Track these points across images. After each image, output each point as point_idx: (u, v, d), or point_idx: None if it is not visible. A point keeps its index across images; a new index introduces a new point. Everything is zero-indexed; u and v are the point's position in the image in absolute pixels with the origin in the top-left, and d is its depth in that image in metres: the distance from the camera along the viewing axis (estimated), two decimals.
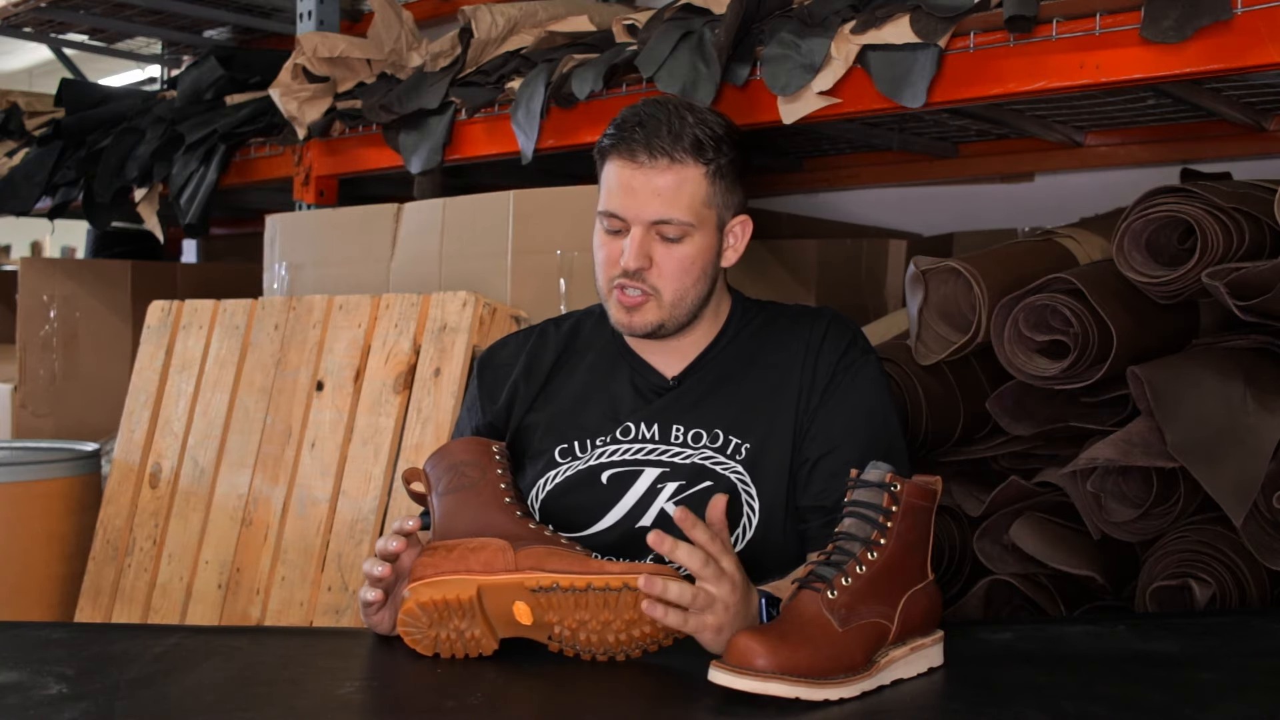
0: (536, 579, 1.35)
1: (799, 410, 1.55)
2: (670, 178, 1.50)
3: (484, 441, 1.53)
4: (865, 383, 1.57)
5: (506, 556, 1.38)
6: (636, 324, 1.55)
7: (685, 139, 1.50)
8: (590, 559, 1.37)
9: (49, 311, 3.83)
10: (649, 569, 1.34)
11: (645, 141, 1.50)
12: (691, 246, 1.53)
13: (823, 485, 1.52)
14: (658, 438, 1.57)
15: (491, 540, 1.40)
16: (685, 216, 1.51)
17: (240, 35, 4.38)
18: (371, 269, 2.71)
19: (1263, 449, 1.86)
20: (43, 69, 7.59)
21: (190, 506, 2.66)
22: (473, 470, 1.48)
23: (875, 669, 1.28)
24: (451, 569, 1.38)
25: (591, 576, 1.34)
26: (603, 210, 1.54)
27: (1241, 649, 1.50)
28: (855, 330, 1.62)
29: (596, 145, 1.57)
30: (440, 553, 1.41)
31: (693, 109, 1.55)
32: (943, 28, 2.02)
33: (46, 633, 1.61)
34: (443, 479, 1.49)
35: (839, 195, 3.74)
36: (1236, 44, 1.77)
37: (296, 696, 1.32)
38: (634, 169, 1.51)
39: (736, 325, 1.64)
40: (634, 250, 1.51)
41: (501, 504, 1.45)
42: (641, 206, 1.51)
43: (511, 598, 1.36)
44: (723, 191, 1.55)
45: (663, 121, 1.51)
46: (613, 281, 1.55)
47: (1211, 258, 1.91)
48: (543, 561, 1.36)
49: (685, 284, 1.54)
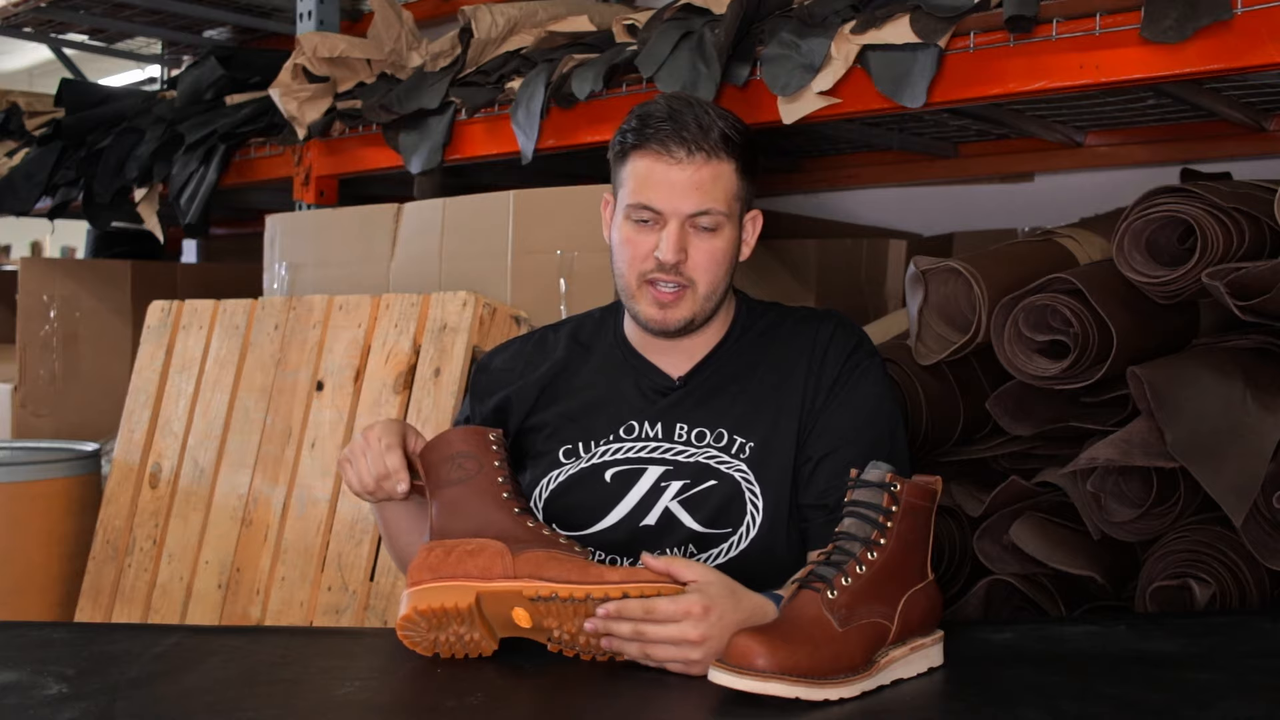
0: (535, 588, 1.34)
1: (804, 410, 1.55)
2: (709, 171, 1.51)
3: (481, 430, 1.51)
4: (870, 384, 1.58)
5: (505, 561, 1.37)
6: (671, 319, 1.55)
7: (714, 132, 1.51)
8: (589, 565, 1.36)
9: (49, 311, 3.83)
10: (647, 576, 1.34)
11: (677, 134, 1.50)
12: (723, 239, 1.54)
13: (825, 484, 1.52)
14: (661, 436, 1.57)
15: (489, 543, 1.39)
16: (722, 208, 1.52)
17: (240, 35, 4.38)
18: (371, 269, 2.71)
19: (1263, 449, 1.86)
20: (43, 69, 7.59)
21: (190, 506, 2.66)
22: (469, 463, 1.47)
23: (875, 669, 1.28)
24: (449, 574, 1.38)
25: (590, 587, 1.33)
26: (634, 203, 1.53)
27: (1241, 649, 1.50)
28: (861, 333, 1.63)
29: (618, 141, 1.56)
30: (438, 554, 1.40)
31: (709, 105, 1.56)
32: (943, 28, 2.02)
33: (46, 633, 1.61)
34: (439, 470, 1.48)
35: (839, 195, 3.74)
36: (1236, 44, 1.77)
37: (296, 696, 1.32)
38: (671, 163, 1.51)
39: (742, 325, 1.64)
40: (673, 242, 1.51)
41: (500, 500, 1.45)
42: (681, 199, 1.51)
43: (510, 604, 1.36)
44: (746, 186, 1.56)
45: (688, 115, 1.51)
46: (643, 276, 1.54)
47: (1211, 258, 1.91)
48: (541, 568, 1.36)
49: (718, 276, 1.55)
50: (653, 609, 1.31)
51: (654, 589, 1.33)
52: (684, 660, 1.31)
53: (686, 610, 1.30)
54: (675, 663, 1.32)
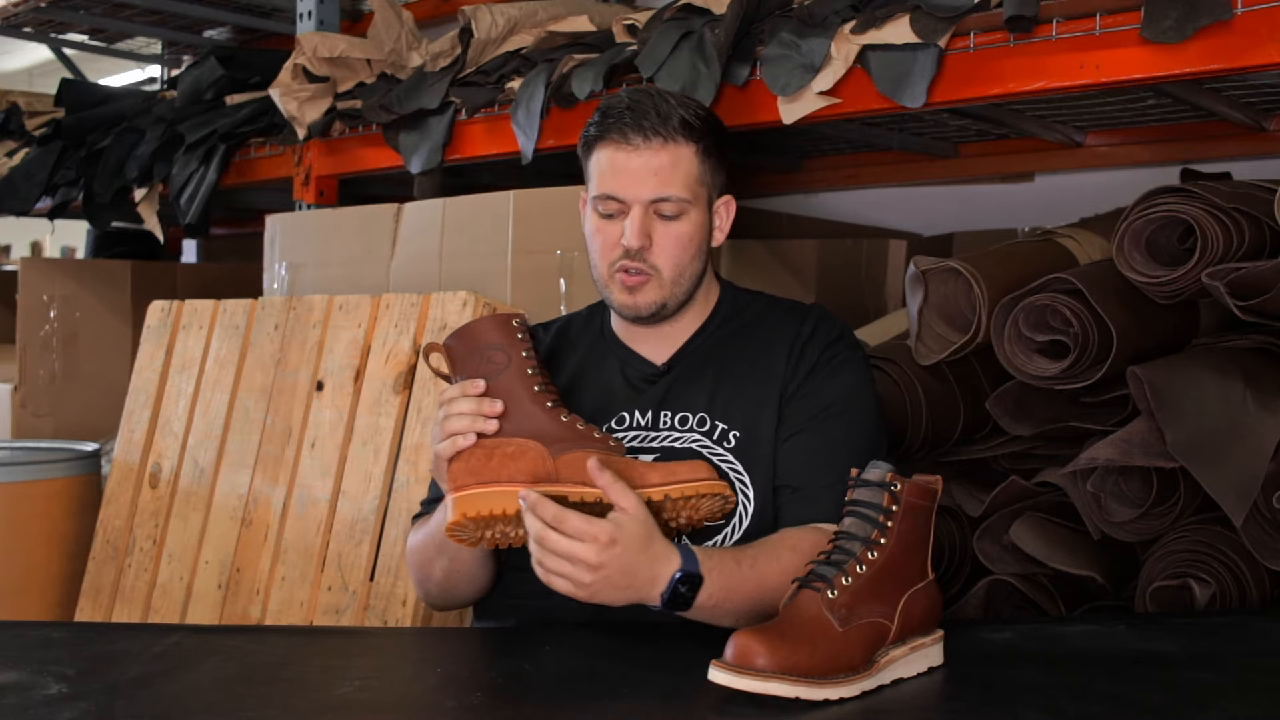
0: (580, 493, 1.37)
1: (781, 398, 1.57)
2: (666, 156, 1.53)
3: (505, 318, 1.50)
4: (846, 375, 1.59)
5: (547, 465, 1.40)
6: (641, 303, 1.57)
7: (673, 118, 1.53)
8: (630, 465, 1.39)
9: (49, 311, 3.83)
10: (685, 474, 1.37)
11: (635, 123, 1.52)
12: (688, 224, 1.56)
13: (785, 465, 1.54)
14: (648, 425, 1.58)
15: (529, 446, 1.41)
16: (683, 193, 1.54)
17: (240, 35, 4.38)
18: (371, 269, 2.71)
19: (1263, 449, 1.85)
20: (43, 69, 7.59)
21: (190, 506, 2.66)
22: (499, 355, 1.47)
23: (875, 669, 1.28)
24: (493, 478, 1.39)
25: (634, 492, 1.36)
26: (597, 195, 1.56)
27: (1241, 649, 1.50)
28: (844, 328, 1.65)
29: (582, 137, 1.60)
30: (480, 456, 1.41)
31: (673, 94, 1.58)
32: (943, 28, 2.02)
33: (46, 633, 1.61)
34: (468, 364, 1.48)
35: (839, 195, 3.74)
36: (1236, 44, 1.77)
37: (296, 696, 1.32)
38: (629, 151, 1.53)
39: (726, 311, 1.67)
40: (635, 229, 1.53)
41: (532, 393, 1.45)
42: (640, 185, 1.53)
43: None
44: (711, 170, 1.58)
45: (648, 105, 1.54)
46: (613, 266, 1.56)
47: (1211, 258, 1.91)
48: (584, 472, 1.38)
49: (684, 261, 1.57)
50: (562, 520, 1.33)
51: (693, 489, 1.37)
52: (574, 580, 1.34)
53: (594, 535, 1.32)
54: (563, 579, 1.34)
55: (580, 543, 1.33)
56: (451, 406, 1.44)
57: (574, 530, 1.33)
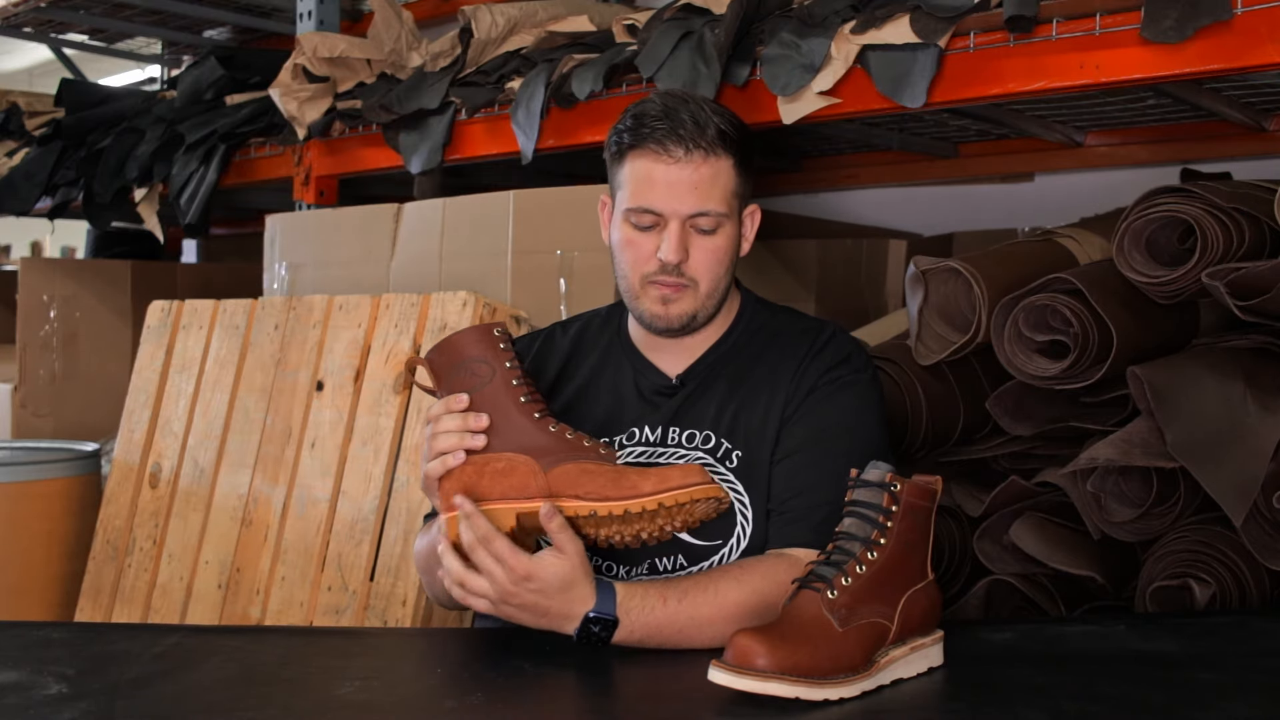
0: (573, 508, 1.38)
1: (782, 418, 1.55)
2: (707, 170, 1.50)
3: (486, 328, 1.49)
4: (845, 398, 1.56)
5: (538, 480, 1.39)
6: (674, 315, 1.54)
7: (710, 129, 1.50)
8: (621, 475, 1.38)
9: (49, 311, 3.83)
10: (677, 480, 1.37)
11: (674, 133, 1.49)
12: (724, 237, 1.54)
13: (775, 487, 1.52)
14: (657, 441, 1.57)
15: (519, 461, 1.40)
16: (721, 207, 1.52)
17: (240, 35, 4.38)
18: (371, 269, 2.71)
19: (1263, 449, 1.85)
20: (43, 69, 7.59)
21: (190, 506, 2.66)
22: (482, 368, 1.45)
23: (875, 669, 1.28)
24: (484, 495, 1.40)
25: (627, 503, 1.36)
26: (632, 207, 1.52)
27: (1241, 649, 1.50)
28: (854, 350, 1.61)
29: (614, 142, 1.56)
30: (470, 474, 1.41)
31: (704, 100, 1.55)
32: (943, 28, 2.02)
33: (46, 633, 1.61)
34: (452, 378, 1.46)
35: (839, 195, 3.74)
36: (1236, 44, 1.77)
37: (296, 696, 1.32)
38: (669, 163, 1.50)
39: (745, 325, 1.64)
40: (674, 243, 1.50)
41: (518, 404, 1.43)
42: (680, 200, 1.50)
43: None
44: (744, 182, 1.56)
45: (685, 113, 1.50)
46: (647, 278, 1.54)
47: (1211, 258, 1.91)
48: (576, 484, 1.38)
49: (719, 274, 1.55)
50: (491, 540, 1.36)
51: (686, 495, 1.36)
52: (486, 596, 1.38)
53: (512, 565, 1.36)
54: (479, 598, 1.39)
55: (499, 566, 1.36)
56: (438, 424, 1.44)
57: (496, 553, 1.36)
